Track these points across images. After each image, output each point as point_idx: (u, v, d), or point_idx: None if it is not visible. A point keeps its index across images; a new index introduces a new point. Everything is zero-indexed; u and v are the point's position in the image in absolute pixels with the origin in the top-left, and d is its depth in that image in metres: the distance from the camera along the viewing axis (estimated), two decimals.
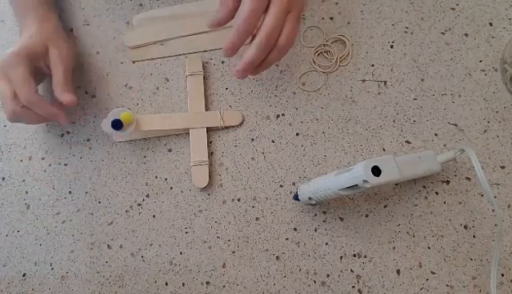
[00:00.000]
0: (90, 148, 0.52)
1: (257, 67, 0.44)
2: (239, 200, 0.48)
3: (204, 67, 0.53)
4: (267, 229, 0.47)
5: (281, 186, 0.48)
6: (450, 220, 0.45)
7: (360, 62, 0.51)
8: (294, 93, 0.51)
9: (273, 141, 0.50)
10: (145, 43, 0.54)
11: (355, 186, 0.39)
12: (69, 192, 0.51)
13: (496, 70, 0.49)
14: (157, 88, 0.53)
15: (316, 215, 0.47)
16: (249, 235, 0.47)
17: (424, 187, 0.46)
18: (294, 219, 0.47)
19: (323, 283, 0.45)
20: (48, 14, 0.53)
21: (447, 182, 0.46)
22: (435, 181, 0.46)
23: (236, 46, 0.43)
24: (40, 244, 0.49)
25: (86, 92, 0.54)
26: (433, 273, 0.44)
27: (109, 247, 0.48)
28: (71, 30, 0.57)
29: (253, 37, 0.42)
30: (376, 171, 0.37)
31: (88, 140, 0.52)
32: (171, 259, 0.47)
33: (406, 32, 0.52)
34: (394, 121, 0.49)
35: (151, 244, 0.48)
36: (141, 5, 0.57)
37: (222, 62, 0.53)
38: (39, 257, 0.49)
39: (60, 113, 0.47)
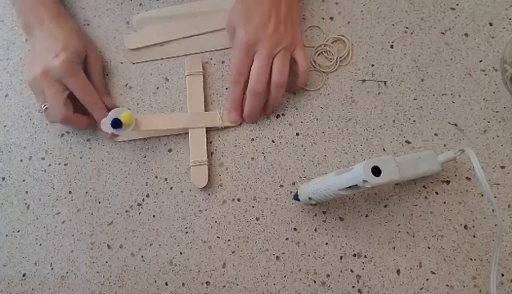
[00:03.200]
0: (90, 148, 0.52)
1: (264, 110, 0.50)
2: (239, 200, 0.48)
3: (203, 67, 0.53)
4: (267, 229, 0.47)
5: (281, 186, 0.48)
6: (450, 220, 0.45)
7: (360, 62, 0.51)
8: (294, 93, 0.51)
9: (273, 141, 0.50)
10: (146, 45, 0.54)
11: (355, 186, 0.39)
12: (69, 192, 0.51)
13: (496, 70, 0.49)
14: (157, 88, 0.53)
15: (316, 215, 0.47)
16: (249, 235, 0.47)
17: (424, 187, 0.46)
18: (294, 219, 0.47)
19: (323, 283, 0.45)
20: (65, 11, 0.54)
21: (447, 182, 0.46)
22: (435, 181, 0.46)
23: (238, 101, 0.49)
24: (40, 244, 0.49)
25: None
26: (433, 273, 0.44)
27: (109, 247, 0.48)
28: None
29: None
30: (376, 171, 0.37)
31: (88, 140, 0.52)
32: (171, 259, 0.47)
33: (406, 32, 0.52)
34: (394, 121, 0.49)
35: (151, 244, 0.48)
36: (140, 5, 0.57)
37: (222, 62, 0.53)
38: (39, 257, 0.49)
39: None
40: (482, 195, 0.45)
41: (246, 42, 0.46)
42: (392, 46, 0.51)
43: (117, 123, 0.47)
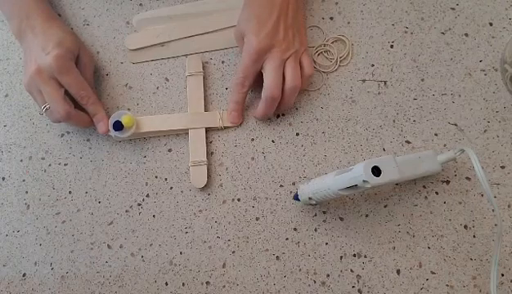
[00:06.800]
0: (90, 148, 0.52)
1: (277, 110, 0.50)
2: (239, 200, 0.48)
3: (203, 67, 0.53)
4: (267, 229, 0.47)
5: (281, 186, 0.48)
6: (450, 220, 0.45)
7: (360, 62, 0.51)
8: None
9: (273, 141, 0.50)
10: (147, 46, 0.54)
11: (355, 186, 0.39)
12: (69, 192, 0.51)
13: (496, 70, 0.49)
14: (157, 88, 0.53)
15: (316, 215, 0.47)
16: (249, 235, 0.47)
17: (424, 187, 0.46)
18: (294, 219, 0.47)
19: (323, 283, 0.45)
20: (56, 15, 0.54)
21: (447, 182, 0.46)
22: (435, 181, 0.46)
23: (240, 103, 0.50)
24: (40, 244, 0.49)
25: None
26: (433, 273, 0.44)
27: (109, 247, 0.48)
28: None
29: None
30: (376, 171, 0.37)
31: (88, 140, 0.52)
32: (171, 259, 0.47)
33: (406, 32, 0.52)
34: (394, 121, 0.49)
35: (151, 244, 0.48)
36: (141, 5, 0.57)
37: (222, 62, 0.53)
38: (39, 257, 0.49)
39: (105, 116, 0.50)
40: (482, 195, 0.45)
41: (257, 49, 0.46)
42: (392, 46, 0.51)
43: (118, 126, 0.47)
